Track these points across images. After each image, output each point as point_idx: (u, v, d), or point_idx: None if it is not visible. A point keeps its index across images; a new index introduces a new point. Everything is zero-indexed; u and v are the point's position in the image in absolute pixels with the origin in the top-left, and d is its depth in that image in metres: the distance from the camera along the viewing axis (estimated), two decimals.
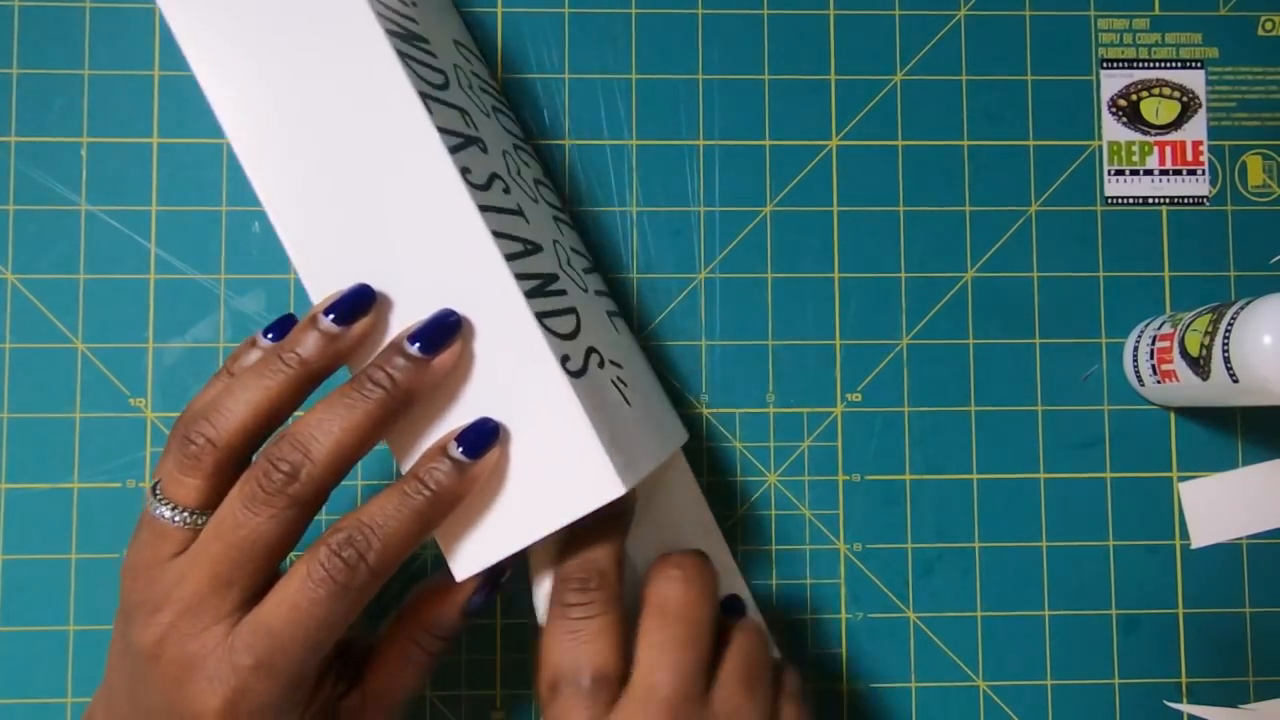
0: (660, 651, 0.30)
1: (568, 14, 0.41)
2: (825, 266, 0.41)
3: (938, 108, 0.41)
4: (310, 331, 0.29)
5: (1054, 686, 0.40)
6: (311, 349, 0.29)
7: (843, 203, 0.41)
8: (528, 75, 0.41)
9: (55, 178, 0.40)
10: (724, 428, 0.40)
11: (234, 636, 0.28)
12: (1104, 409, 0.41)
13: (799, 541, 0.40)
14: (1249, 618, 0.40)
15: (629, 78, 0.41)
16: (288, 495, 0.28)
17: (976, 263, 0.41)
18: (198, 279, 0.40)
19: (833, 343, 0.41)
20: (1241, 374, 0.33)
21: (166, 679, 0.28)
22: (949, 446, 0.40)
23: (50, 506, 0.39)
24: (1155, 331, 0.38)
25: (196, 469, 0.29)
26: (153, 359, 0.39)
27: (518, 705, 0.39)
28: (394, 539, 0.28)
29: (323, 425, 0.28)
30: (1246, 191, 0.41)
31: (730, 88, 0.41)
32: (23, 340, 0.39)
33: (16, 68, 0.40)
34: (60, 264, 0.39)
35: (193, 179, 0.40)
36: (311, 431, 0.28)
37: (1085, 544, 0.40)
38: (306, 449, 0.28)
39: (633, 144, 0.41)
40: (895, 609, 0.40)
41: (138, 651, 0.28)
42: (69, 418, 0.39)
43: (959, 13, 0.42)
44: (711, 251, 0.41)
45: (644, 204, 0.41)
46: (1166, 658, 0.40)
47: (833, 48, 0.41)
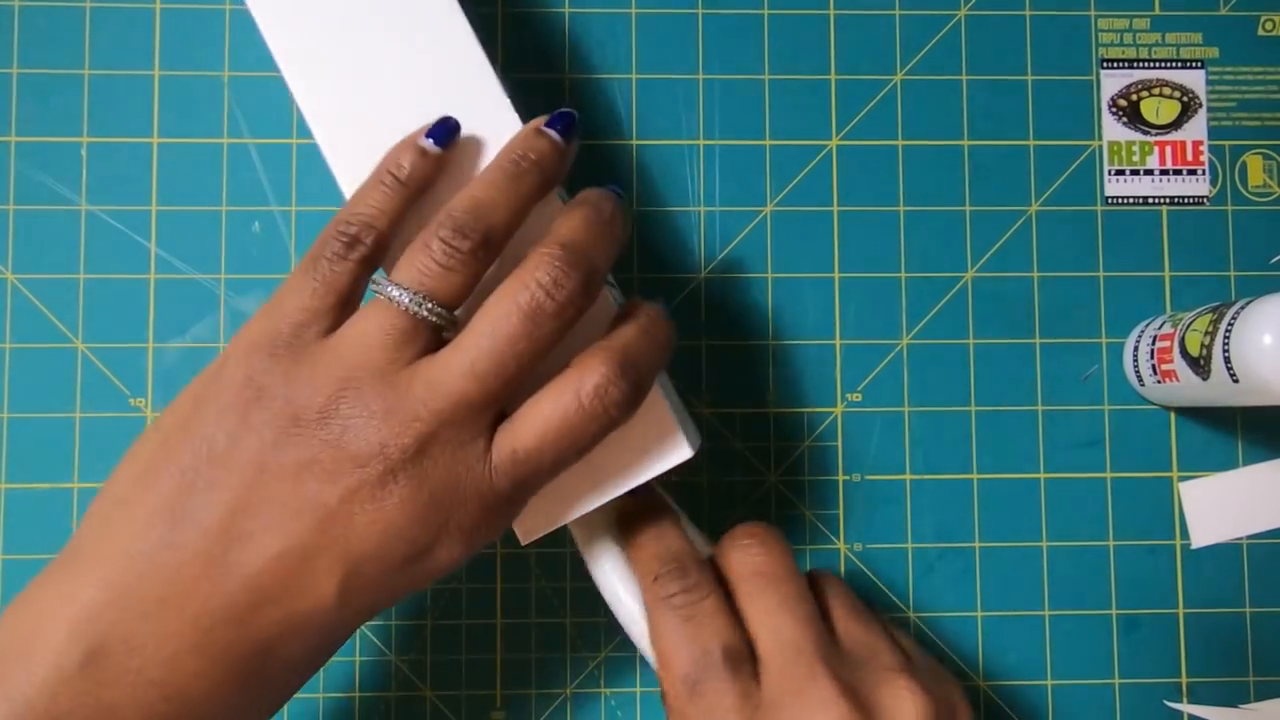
0: (781, 612, 0.30)
1: (568, 14, 0.41)
2: (825, 266, 0.41)
3: (938, 108, 0.41)
4: (539, 138, 0.30)
5: (1054, 686, 0.40)
6: (548, 151, 0.30)
7: (843, 203, 0.41)
8: (528, 75, 0.41)
9: (55, 178, 0.40)
10: (724, 428, 0.40)
11: (495, 455, 0.28)
12: (1104, 409, 0.41)
13: (799, 541, 0.40)
14: (1249, 618, 0.40)
15: (629, 78, 0.41)
16: (574, 310, 0.28)
17: (976, 263, 0.41)
18: (198, 279, 0.40)
19: (833, 343, 0.41)
20: (1242, 374, 0.33)
21: (423, 490, 0.27)
22: (949, 446, 0.40)
23: (50, 506, 0.39)
24: (1155, 331, 0.38)
25: (469, 264, 0.28)
26: (153, 359, 0.39)
27: (518, 705, 0.39)
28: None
29: (597, 246, 0.29)
30: (1246, 191, 0.41)
31: (730, 88, 0.41)
32: (23, 340, 0.39)
33: (16, 68, 0.40)
34: (60, 264, 0.39)
35: (193, 179, 0.40)
36: (588, 254, 0.29)
37: (1085, 544, 0.40)
38: (590, 265, 0.29)
39: (633, 144, 0.41)
40: (895, 609, 0.40)
41: (387, 456, 0.27)
42: (69, 418, 0.39)
43: (959, 13, 0.42)
44: (711, 251, 0.41)
45: (644, 203, 0.41)
46: (1166, 658, 0.40)
47: (833, 48, 0.41)
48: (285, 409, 0.27)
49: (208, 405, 0.28)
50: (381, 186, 0.29)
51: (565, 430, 0.28)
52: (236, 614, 0.26)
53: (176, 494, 0.27)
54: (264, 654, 0.27)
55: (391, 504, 0.27)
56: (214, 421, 0.27)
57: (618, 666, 0.39)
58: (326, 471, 0.27)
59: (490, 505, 0.28)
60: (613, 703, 0.39)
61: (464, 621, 0.39)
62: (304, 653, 0.28)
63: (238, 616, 0.26)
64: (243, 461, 0.27)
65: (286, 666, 0.28)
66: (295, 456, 0.27)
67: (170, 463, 0.27)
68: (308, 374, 0.27)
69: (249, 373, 0.27)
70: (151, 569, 0.26)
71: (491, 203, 0.29)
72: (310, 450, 0.27)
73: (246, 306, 0.40)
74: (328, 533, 0.27)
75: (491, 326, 0.28)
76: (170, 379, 0.39)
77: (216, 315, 0.40)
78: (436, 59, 0.31)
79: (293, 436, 0.27)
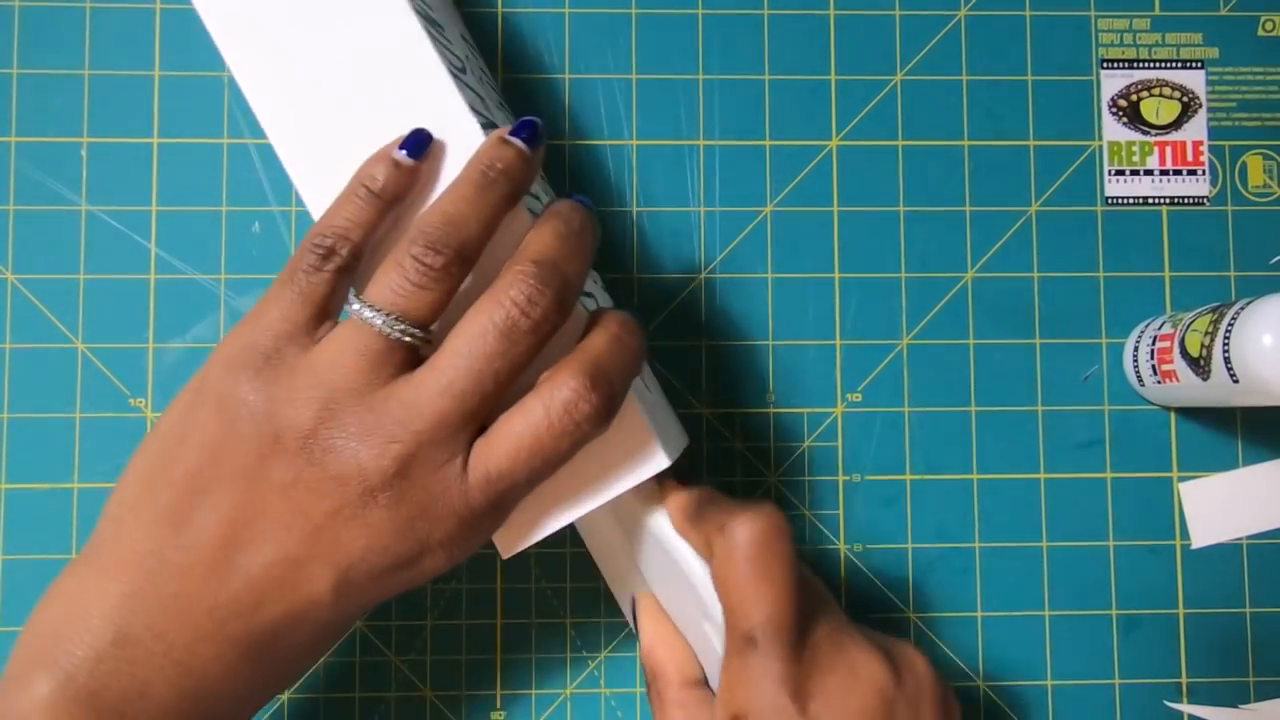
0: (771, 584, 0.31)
1: (568, 14, 0.41)
2: (825, 266, 0.41)
3: (938, 108, 0.41)
4: (505, 147, 0.30)
5: (1054, 686, 0.40)
6: (515, 160, 0.30)
7: (843, 203, 0.41)
8: (528, 75, 0.41)
9: (55, 178, 0.40)
10: (724, 428, 0.40)
11: (470, 474, 0.28)
12: (1104, 409, 0.41)
13: (799, 542, 0.40)
14: (1249, 618, 0.40)
15: (629, 78, 0.41)
16: (549, 326, 0.28)
17: (976, 263, 0.41)
18: (198, 279, 0.40)
19: (833, 343, 0.40)
20: (1242, 374, 0.33)
21: (402, 508, 0.28)
22: (949, 446, 0.40)
23: (50, 506, 0.39)
24: (1155, 331, 0.38)
25: (443, 281, 0.28)
26: (153, 359, 0.39)
27: (518, 705, 0.39)
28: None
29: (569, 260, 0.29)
30: (1246, 191, 0.41)
31: (730, 88, 0.41)
32: (23, 340, 0.39)
33: (16, 68, 0.40)
34: (60, 264, 0.39)
35: (193, 179, 0.40)
36: (561, 268, 0.29)
37: (1085, 544, 0.40)
38: (563, 279, 0.28)
39: (633, 144, 0.41)
40: (895, 609, 0.40)
41: (366, 477, 0.27)
42: (69, 418, 0.39)
43: (959, 13, 0.42)
44: (711, 251, 0.41)
45: (644, 204, 0.41)
46: (1166, 658, 0.40)
47: (833, 48, 0.41)
48: (267, 427, 0.28)
49: (195, 417, 0.29)
50: (355, 199, 0.30)
51: (537, 448, 0.28)
52: (243, 609, 0.28)
53: (176, 501, 0.28)
54: (272, 641, 0.28)
55: (373, 523, 0.28)
56: (202, 433, 0.28)
57: (618, 666, 0.39)
58: (310, 490, 0.28)
59: (468, 522, 0.29)
60: (613, 703, 0.39)
61: (464, 621, 0.39)
62: (309, 640, 0.29)
63: (244, 611, 0.28)
64: (234, 474, 0.28)
65: (294, 650, 0.29)
66: (279, 475, 0.28)
67: (168, 471, 0.28)
68: (286, 394, 0.28)
69: (231, 387, 0.28)
70: (162, 567, 0.28)
71: (462, 216, 0.29)
72: (293, 469, 0.28)
73: (246, 307, 0.40)
74: (317, 544, 0.28)
75: (468, 346, 0.28)
76: (170, 379, 0.39)
77: (216, 315, 0.40)
78: (395, 70, 0.31)
79: (276, 455, 0.28)
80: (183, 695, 0.27)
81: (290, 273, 0.29)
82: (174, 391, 0.39)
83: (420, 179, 0.30)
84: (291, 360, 0.28)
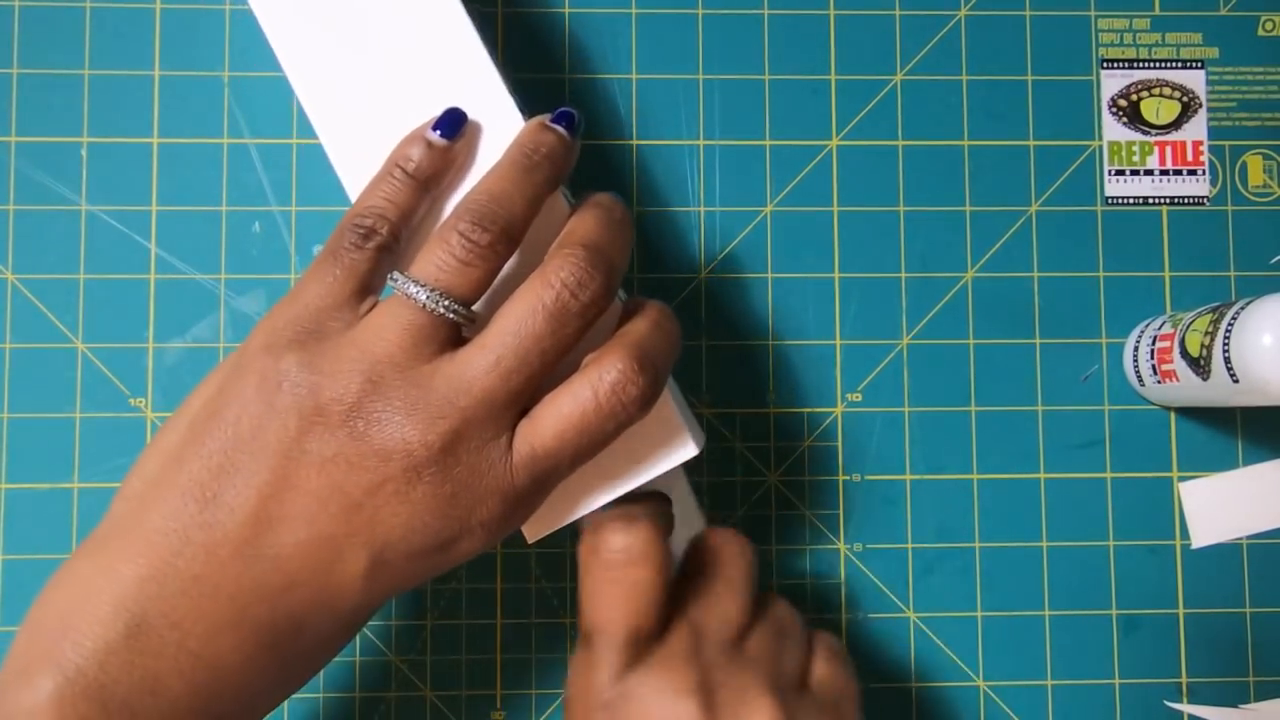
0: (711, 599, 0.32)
1: (568, 14, 0.41)
2: (825, 266, 0.41)
3: (938, 108, 0.41)
4: (547, 132, 0.30)
5: (1054, 686, 0.40)
6: (557, 146, 0.30)
7: (843, 203, 0.41)
8: (529, 75, 0.41)
9: (55, 178, 0.40)
10: (724, 428, 0.40)
11: (515, 453, 0.28)
12: (1104, 409, 0.41)
13: (799, 541, 0.40)
14: (1249, 618, 0.40)
15: (629, 78, 0.41)
16: (596, 310, 0.28)
17: (976, 263, 0.41)
18: (198, 279, 0.40)
19: (833, 343, 0.41)
20: (1242, 374, 0.33)
21: (445, 486, 0.27)
22: (949, 446, 0.40)
23: (50, 506, 0.39)
24: (1155, 331, 0.38)
25: (488, 258, 0.28)
26: (153, 359, 0.39)
27: (518, 705, 0.39)
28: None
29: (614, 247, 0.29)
30: (1247, 191, 0.41)
31: (730, 88, 0.41)
32: (23, 340, 0.39)
33: (16, 68, 0.40)
34: (60, 264, 0.39)
35: (193, 179, 0.40)
36: (608, 254, 0.29)
37: (1085, 544, 0.40)
38: (610, 264, 0.29)
39: (633, 144, 0.41)
40: (895, 609, 0.40)
41: (411, 452, 0.27)
42: (69, 418, 0.39)
43: (959, 13, 0.42)
44: (711, 251, 0.41)
45: (644, 204, 0.41)
46: (1166, 658, 0.40)
47: (833, 48, 0.41)
48: (309, 399, 0.27)
49: (233, 391, 0.28)
50: (391, 179, 0.30)
51: (584, 428, 0.28)
52: (268, 593, 0.27)
53: (206, 476, 0.27)
54: (296, 630, 0.28)
55: (415, 500, 0.27)
56: (239, 407, 0.27)
57: None
58: (351, 465, 0.27)
59: (510, 501, 0.28)
60: None
61: (464, 621, 0.39)
62: (334, 629, 0.29)
63: (270, 595, 0.27)
64: (269, 448, 0.27)
65: (317, 641, 0.28)
66: (319, 448, 0.27)
67: (199, 445, 0.27)
68: (331, 365, 0.27)
69: (273, 360, 0.28)
70: (185, 546, 0.27)
71: (508, 195, 0.29)
72: (335, 443, 0.27)
73: (246, 306, 0.40)
74: (353, 522, 0.27)
75: (517, 325, 0.28)
76: (170, 379, 0.39)
77: (216, 315, 0.40)
78: (439, 56, 0.32)
79: (317, 428, 0.27)
80: (196, 690, 0.26)
81: (331, 251, 0.29)
82: (174, 391, 0.40)
83: (456, 161, 0.31)
84: (335, 334, 0.28)
